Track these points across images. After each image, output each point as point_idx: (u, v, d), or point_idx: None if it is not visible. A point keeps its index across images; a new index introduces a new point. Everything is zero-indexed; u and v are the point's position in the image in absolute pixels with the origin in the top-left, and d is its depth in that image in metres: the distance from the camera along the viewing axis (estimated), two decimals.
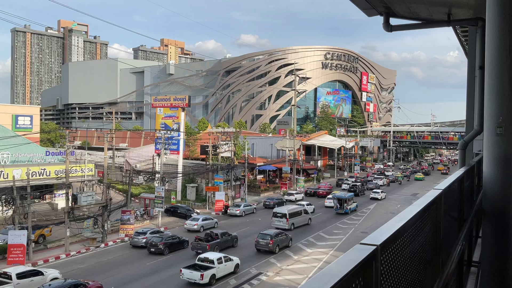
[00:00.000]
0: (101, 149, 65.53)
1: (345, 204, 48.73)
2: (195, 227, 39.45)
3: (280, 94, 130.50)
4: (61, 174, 42.15)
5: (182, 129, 60.16)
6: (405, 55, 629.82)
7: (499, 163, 5.32)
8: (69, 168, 36.82)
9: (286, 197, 56.28)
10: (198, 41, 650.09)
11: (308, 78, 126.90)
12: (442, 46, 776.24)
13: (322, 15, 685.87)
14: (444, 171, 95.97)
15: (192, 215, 44.46)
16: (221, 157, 58.27)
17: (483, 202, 5.49)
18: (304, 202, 49.97)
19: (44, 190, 46.27)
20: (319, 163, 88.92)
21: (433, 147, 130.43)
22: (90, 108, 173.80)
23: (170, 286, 26.36)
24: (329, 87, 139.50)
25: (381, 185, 72.18)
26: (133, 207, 42.75)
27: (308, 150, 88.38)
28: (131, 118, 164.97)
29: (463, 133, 68.67)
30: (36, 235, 34.60)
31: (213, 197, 50.87)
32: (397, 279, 2.13)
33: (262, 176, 72.74)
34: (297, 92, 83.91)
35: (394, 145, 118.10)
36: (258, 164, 69.60)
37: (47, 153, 49.66)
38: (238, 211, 46.89)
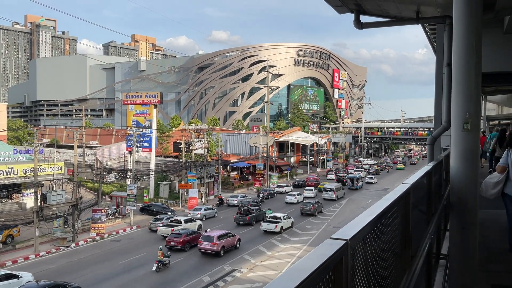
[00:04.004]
0: (71, 147, 64.20)
1: (356, 182, 65.22)
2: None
3: (253, 91, 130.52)
4: (30, 172, 41.13)
5: (154, 126, 59.51)
6: (375, 52, 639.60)
7: (465, 158, 5.46)
8: (38, 167, 35.92)
9: (276, 189, 60.92)
10: (170, 37, 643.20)
11: (281, 75, 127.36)
12: (411, 43, 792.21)
13: (294, 12, 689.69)
14: (413, 162, 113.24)
15: (168, 213, 44.61)
16: (194, 154, 57.95)
17: (451, 196, 5.62)
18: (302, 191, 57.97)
19: (12, 189, 45.02)
20: (292, 159, 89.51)
21: (403, 142, 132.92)
22: (59, 105, 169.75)
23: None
24: (302, 84, 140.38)
25: (379, 170, 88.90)
26: (104, 205, 42.11)
27: (282, 146, 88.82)
28: (102, 115, 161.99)
29: (431, 129, 70.18)
30: (4, 236, 33.68)
31: (186, 195, 50.56)
32: (367, 272, 2.16)
33: (235, 173, 72.72)
34: (270, 89, 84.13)
35: (365, 141, 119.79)
36: (231, 161, 69.53)
37: (15, 152, 48.31)
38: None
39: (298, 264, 1.52)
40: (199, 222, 40.03)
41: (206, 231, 34.24)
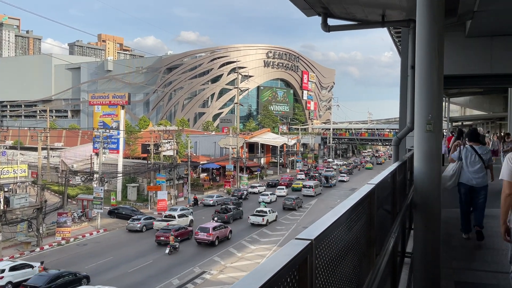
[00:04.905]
0: (35, 149, 62.34)
1: (330, 180, 69.84)
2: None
3: (223, 92, 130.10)
4: None
5: (121, 127, 58.54)
6: (343, 55, 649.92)
7: (428, 158, 5.60)
8: (0, 169, 34.75)
9: (250, 189, 62.04)
10: (137, 37, 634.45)
11: (250, 76, 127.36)
12: (378, 46, 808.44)
13: (264, 14, 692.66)
14: (379, 162, 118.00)
15: (137, 215, 43.79)
16: (163, 155, 57.33)
17: (414, 195, 5.76)
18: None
19: None
20: (262, 160, 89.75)
21: (370, 143, 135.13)
22: (23, 106, 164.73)
23: None
24: (271, 85, 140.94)
25: (351, 170, 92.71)
26: (70, 209, 41.13)
27: (251, 147, 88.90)
28: (67, 116, 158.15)
29: (397, 130, 71.72)
30: None
31: (155, 197, 49.93)
32: (332, 272, 2.19)
33: (205, 174, 72.30)
34: (239, 90, 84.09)
35: (333, 142, 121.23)
36: (201, 162, 69.11)
37: None
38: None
39: (263, 265, 1.53)
40: (190, 217, 42.55)
41: (214, 219, 40.17)
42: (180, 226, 37.38)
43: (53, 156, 68.74)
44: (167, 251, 32.25)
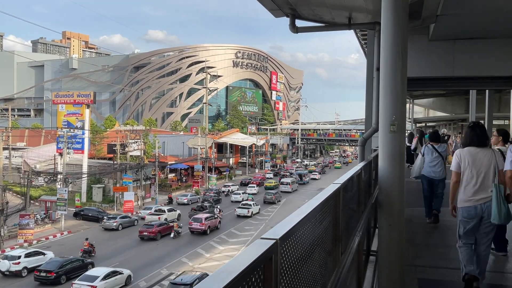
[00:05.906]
0: None
1: (303, 178, 74.42)
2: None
3: (191, 91, 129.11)
4: None
5: (86, 127, 57.29)
6: (311, 56, 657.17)
7: (392, 158, 5.72)
8: None
9: (223, 188, 63.20)
10: (103, 35, 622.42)
11: (219, 76, 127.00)
12: (345, 48, 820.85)
13: (232, 14, 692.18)
14: (345, 162, 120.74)
15: (104, 217, 42.99)
16: (130, 156, 56.45)
17: (379, 194, 5.87)
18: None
19: None
20: (231, 160, 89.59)
21: (337, 144, 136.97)
22: None
23: None
24: (240, 86, 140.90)
25: (324, 169, 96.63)
26: (32, 210, 39.99)
27: (220, 148, 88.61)
28: (30, 115, 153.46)
29: (363, 131, 72.92)
30: None
31: (121, 198, 49.08)
32: (298, 271, 2.21)
33: (173, 174, 71.61)
34: (208, 90, 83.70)
35: (302, 142, 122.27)
36: (169, 162, 68.41)
37: None
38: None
39: (227, 265, 1.52)
40: (178, 211, 45.47)
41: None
42: (161, 222, 39.68)
43: (15, 156, 66.68)
44: (172, 235, 36.96)
